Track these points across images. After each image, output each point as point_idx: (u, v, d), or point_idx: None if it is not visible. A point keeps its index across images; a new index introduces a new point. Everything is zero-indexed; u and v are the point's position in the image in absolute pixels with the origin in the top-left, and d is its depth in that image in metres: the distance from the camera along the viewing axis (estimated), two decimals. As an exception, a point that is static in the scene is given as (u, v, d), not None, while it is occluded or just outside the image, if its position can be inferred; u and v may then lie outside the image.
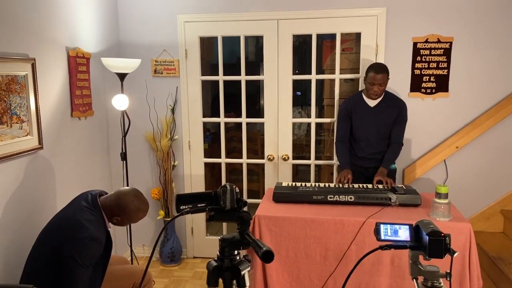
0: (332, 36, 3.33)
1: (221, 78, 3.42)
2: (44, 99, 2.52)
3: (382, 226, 1.10)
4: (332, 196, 2.55)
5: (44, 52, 2.52)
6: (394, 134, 2.94)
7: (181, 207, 1.18)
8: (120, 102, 2.94)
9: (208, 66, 4.38)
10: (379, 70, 2.76)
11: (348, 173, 2.82)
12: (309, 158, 3.47)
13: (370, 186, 2.71)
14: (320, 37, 3.38)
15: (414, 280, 1.07)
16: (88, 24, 3.02)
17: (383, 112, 2.90)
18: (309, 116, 3.44)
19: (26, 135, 2.36)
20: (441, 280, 1.06)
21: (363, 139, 2.98)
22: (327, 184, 2.77)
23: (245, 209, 1.19)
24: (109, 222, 2.04)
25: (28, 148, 2.36)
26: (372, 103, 2.90)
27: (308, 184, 2.76)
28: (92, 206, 1.98)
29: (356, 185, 2.73)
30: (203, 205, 1.19)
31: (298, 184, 2.78)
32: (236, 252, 1.19)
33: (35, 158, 2.45)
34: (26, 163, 2.38)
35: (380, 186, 2.70)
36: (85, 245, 1.83)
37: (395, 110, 2.90)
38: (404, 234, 1.08)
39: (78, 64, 2.83)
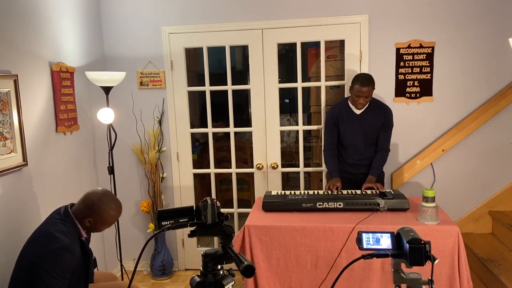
0: (317, 44, 3.36)
1: (207, 88, 3.42)
2: (28, 115, 2.50)
3: (364, 235, 1.10)
4: (321, 204, 2.55)
5: (26, 68, 2.50)
6: (381, 141, 2.96)
7: (162, 223, 1.17)
8: (106, 115, 2.92)
9: (196, 76, 4.39)
10: (365, 83, 2.76)
11: (336, 182, 2.82)
12: (298, 166, 3.48)
13: (358, 192, 2.72)
14: (304, 45, 3.41)
15: (397, 288, 1.07)
16: (72, 38, 3.00)
17: (369, 119, 2.92)
18: (297, 123, 3.46)
19: (10, 153, 2.33)
20: (423, 287, 1.06)
21: (350, 145, 3.00)
22: (316, 192, 2.78)
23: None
24: (84, 230, 2.03)
25: (12, 165, 2.33)
26: (358, 110, 2.92)
27: (297, 192, 2.77)
28: (64, 217, 1.99)
29: (344, 191, 2.74)
30: (185, 220, 1.18)
31: (287, 192, 2.78)
32: (219, 266, 1.18)
33: (19, 175, 2.42)
34: (11, 180, 2.34)
35: (369, 192, 2.71)
36: (57, 255, 1.83)
37: (381, 117, 2.92)
38: (386, 242, 1.09)
39: (62, 79, 2.81)
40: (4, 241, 2.27)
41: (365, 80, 2.77)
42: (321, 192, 2.77)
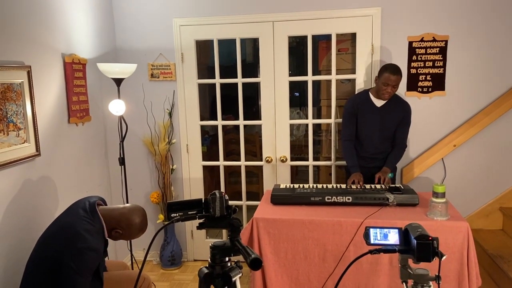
0: (328, 37, 3.33)
1: (217, 81, 3.42)
2: (41, 106, 2.54)
3: (371, 230, 1.10)
4: (330, 197, 2.55)
5: (39, 59, 2.53)
6: (398, 136, 2.95)
7: (171, 215, 1.19)
8: (117, 107, 2.95)
9: (206, 69, 4.38)
10: (395, 71, 2.75)
11: (360, 177, 2.81)
12: (308, 159, 3.48)
13: (368, 186, 2.72)
14: (315, 38, 3.38)
15: (404, 283, 1.07)
16: (84, 30, 3.03)
17: (388, 113, 2.89)
18: (307, 116, 3.45)
19: (23, 143, 2.37)
20: (430, 283, 1.06)
21: (366, 138, 2.98)
22: (324, 185, 2.78)
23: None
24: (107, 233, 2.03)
25: (25, 155, 2.37)
26: (378, 103, 2.89)
27: (306, 186, 2.77)
28: (90, 215, 1.96)
29: (354, 186, 2.73)
30: (194, 212, 1.20)
31: (296, 186, 2.78)
32: (227, 259, 1.20)
33: (32, 165, 2.46)
34: (24, 170, 2.39)
35: (378, 186, 2.71)
36: (84, 255, 1.83)
37: (401, 112, 2.90)
38: (393, 238, 1.09)
39: (74, 70, 2.84)
40: (16, 230, 2.32)
41: (394, 69, 2.76)
42: (330, 186, 2.77)
